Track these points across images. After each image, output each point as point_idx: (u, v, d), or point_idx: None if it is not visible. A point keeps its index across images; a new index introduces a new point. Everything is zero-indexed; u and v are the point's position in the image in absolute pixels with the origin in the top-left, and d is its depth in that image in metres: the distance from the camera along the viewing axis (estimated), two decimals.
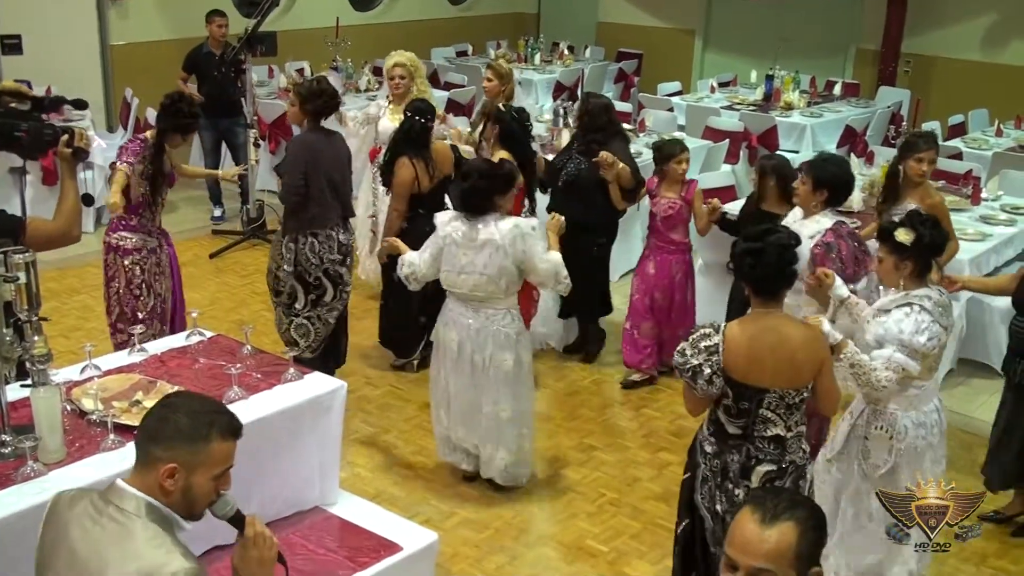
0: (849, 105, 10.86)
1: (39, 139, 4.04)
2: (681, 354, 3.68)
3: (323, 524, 3.86)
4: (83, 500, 2.50)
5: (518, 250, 4.77)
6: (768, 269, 3.64)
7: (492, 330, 4.94)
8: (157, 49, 10.88)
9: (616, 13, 14.31)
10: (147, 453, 2.45)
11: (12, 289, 3.23)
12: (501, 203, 4.86)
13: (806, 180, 4.79)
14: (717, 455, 3.78)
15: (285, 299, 5.91)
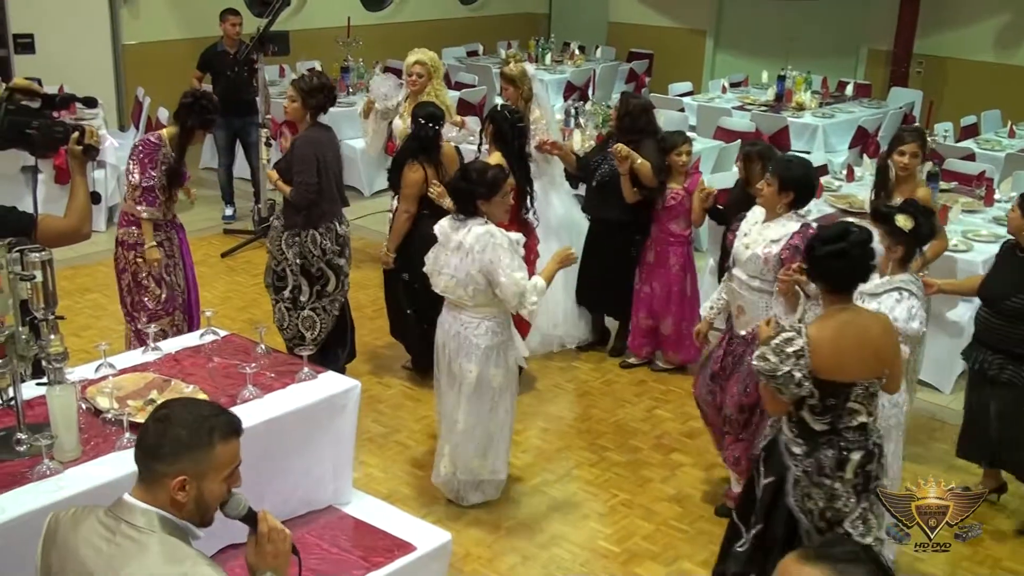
0: (861, 106, 10.84)
1: (50, 137, 4.08)
2: (764, 359, 3.66)
3: (337, 523, 3.85)
4: (88, 519, 2.43)
5: (485, 259, 4.62)
6: (854, 268, 3.69)
7: (463, 337, 4.82)
8: (169, 48, 10.91)
9: (627, 13, 14.31)
10: (151, 470, 2.39)
11: (28, 287, 3.23)
12: (486, 208, 4.73)
13: (772, 181, 4.70)
14: (809, 454, 3.79)
15: (289, 294, 5.95)
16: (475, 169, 4.84)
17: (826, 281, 3.75)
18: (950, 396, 6.38)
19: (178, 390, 3.66)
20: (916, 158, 5.61)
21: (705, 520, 5.15)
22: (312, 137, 5.86)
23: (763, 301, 4.76)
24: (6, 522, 2.98)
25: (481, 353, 4.80)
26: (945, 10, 11.89)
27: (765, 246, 4.71)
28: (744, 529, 4.02)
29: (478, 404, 4.89)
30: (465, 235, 4.68)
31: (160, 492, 2.38)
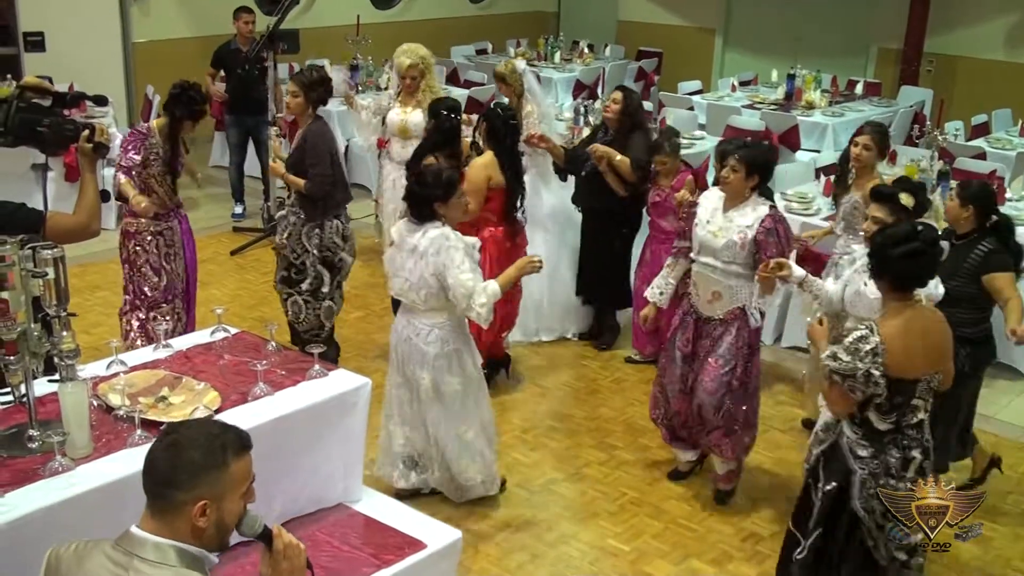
0: (871, 104, 10.81)
1: (60, 134, 4.11)
2: (835, 359, 3.66)
3: (347, 521, 3.86)
4: (94, 555, 2.33)
5: (439, 261, 4.52)
6: (925, 266, 3.74)
7: (413, 343, 4.72)
8: (179, 46, 10.92)
9: (636, 12, 14.30)
10: (168, 499, 2.29)
11: (40, 284, 3.24)
12: (443, 211, 4.63)
13: (739, 168, 4.78)
14: (875, 455, 3.79)
15: (308, 287, 6.02)
16: (430, 172, 4.74)
17: (896, 280, 3.74)
18: None
19: (189, 387, 3.67)
20: (869, 151, 5.65)
21: (715, 519, 5.15)
22: (322, 130, 5.99)
23: (744, 283, 4.89)
24: (18, 518, 2.98)
25: (431, 361, 4.70)
26: (955, 9, 11.85)
27: (739, 232, 4.83)
28: (801, 537, 4.02)
29: (443, 412, 4.79)
30: (420, 238, 4.58)
31: (177, 521, 2.30)
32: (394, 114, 7.21)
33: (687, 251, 5.16)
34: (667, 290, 5.32)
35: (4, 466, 3.17)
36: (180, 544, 2.30)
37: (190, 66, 9.99)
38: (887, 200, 4.45)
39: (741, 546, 4.95)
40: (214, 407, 3.56)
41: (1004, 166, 8.27)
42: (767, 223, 4.80)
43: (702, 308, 5.03)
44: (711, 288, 4.97)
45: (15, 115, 4.05)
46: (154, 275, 5.79)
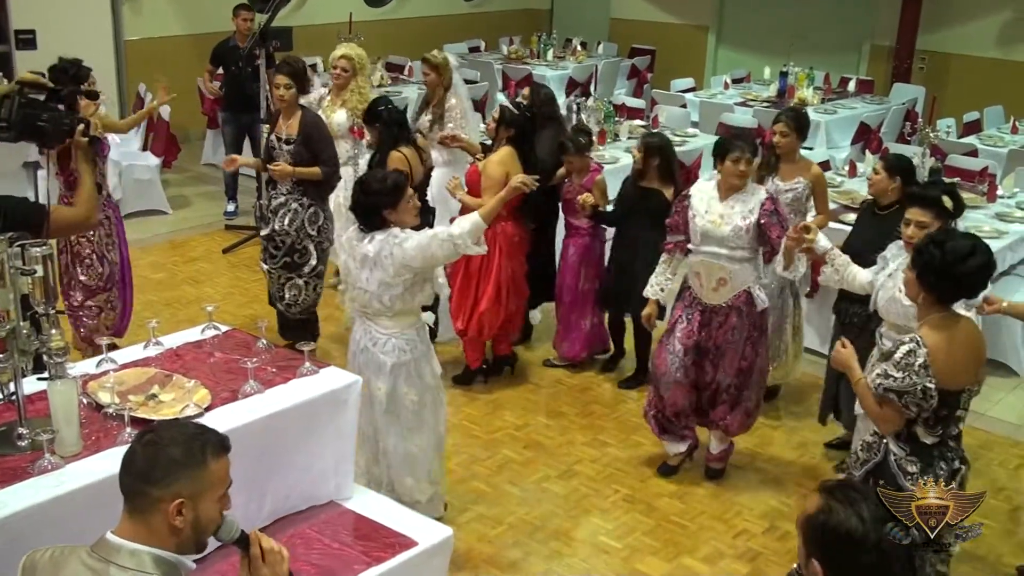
0: (863, 102, 10.83)
1: (59, 128, 4.17)
2: (889, 377, 3.59)
3: (338, 519, 3.84)
4: (70, 561, 2.31)
5: (395, 259, 4.33)
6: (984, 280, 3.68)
7: (371, 352, 4.55)
8: (171, 44, 10.91)
9: (629, 9, 14.30)
10: (144, 496, 2.28)
11: (29, 282, 3.23)
12: (393, 217, 4.41)
13: (751, 159, 4.98)
14: (924, 471, 3.69)
15: (311, 268, 6.26)
16: (374, 179, 4.52)
17: (954, 293, 3.66)
18: None
19: (179, 385, 3.66)
20: (787, 137, 5.84)
21: (707, 516, 5.15)
22: (316, 118, 6.27)
23: (749, 267, 5.07)
24: (8, 516, 2.96)
25: (388, 371, 4.52)
26: (948, 6, 11.87)
27: (743, 217, 4.98)
28: None
29: (396, 424, 4.60)
30: (368, 245, 4.40)
31: (154, 521, 2.28)
32: (323, 112, 7.15)
33: (682, 245, 5.23)
34: (667, 286, 5.37)
35: None
36: (156, 551, 2.28)
37: (182, 64, 10.02)
38: (931, 204, 4.31)
39: (733, 543, 4.95)
40: (204, 405, 3.55)
41: (996, 163, 8.27)
42: (768, 206, 5.00)
43: (707, 297, 5.13)
44: (716, 276, 5.08)
45: (18, 110, 4.10)
46: (99, 264, 5.84)
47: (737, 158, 4.92)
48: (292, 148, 6.08)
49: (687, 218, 5.14)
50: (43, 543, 2.96)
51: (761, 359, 5.25)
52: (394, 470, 4.66)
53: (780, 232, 4.91)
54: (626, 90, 12.67)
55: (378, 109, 6.11)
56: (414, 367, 4.58)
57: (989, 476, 5.57)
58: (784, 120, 5.90)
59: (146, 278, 7.71)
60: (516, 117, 6.14)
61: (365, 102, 7.15)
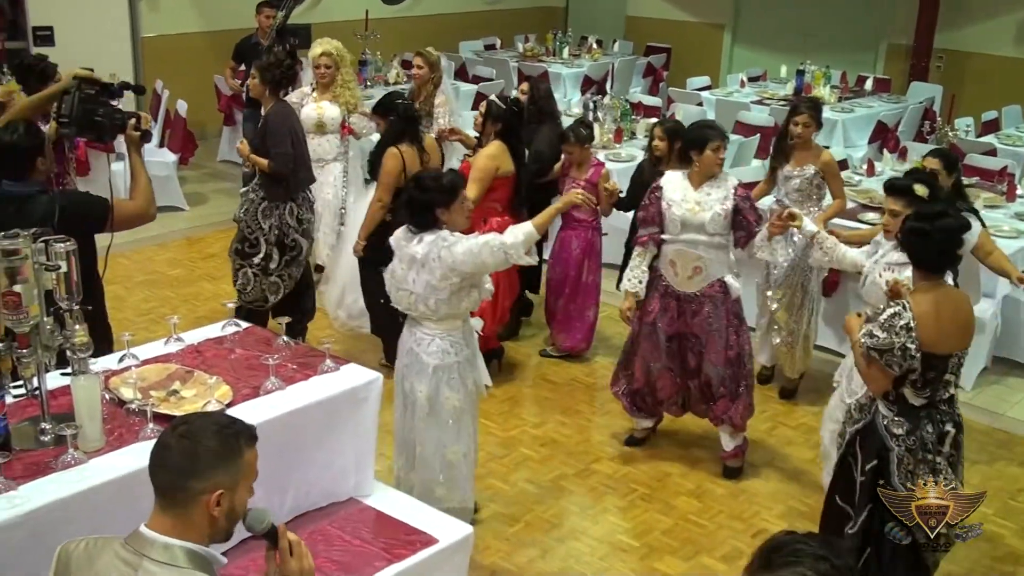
0: (880, 101, 10.78)
1: (113, 123, 4.29)
2: (872, 336, 3.79)
3: (359, 515, 3.84)
4: (105, 553, 2.31)
5: (443, 262, 4.27)
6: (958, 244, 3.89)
7: (414, 354, 4.51)
8: (188, 41, 10.93)
9: (645, 7, 14.27)
10: (184, 490, 2.28)
11: (53, 278, 3.24)
12: (445, 217, 4.36)
13: (722, 146, 5.12)
14: (911, 432, 3.90)
15: (259, 261, 6.17)
16: (430, 176, 4.47)
17: (934, 259, 3.86)
18: (972, 392, 6.33)
19: (201, 381, 3.66)
20: (808, 128, 6.08)
21: (725, 515, 5.14)
22: (283, 111, 6.17)
23: (723, 256, 5.19)
24: (32, 511, 2.97)
25: (431, 372, 4.46)
26: (966, 5, 11.80)
27: (721, 203, 5.10)
28: (851, 510, 4.08)
29: (435, 428, 4.54)
30: (417, 246, 4.34)
31: (193, 513, 2.29)
32: (310, 109, 7.23)
33: (656, 237, 5.28)
34: (644, 278, 5.38)
35: (17, 459, 3.16)
36: (188, 544, 2.29)
37: (198, 61, 10.05)
38: (903, 192, 4.54)
39: (751, 543, 4.92)
40: (226, 401, 3.55)
41: (1014, 162, 8.23)
42: (740, 192, 5.15)
43: (680, 286, 5.25)
44: (692, 264, 5.20)
45: (78, 106, 4.19)
46: None
47: (717, 147, 5.10)
48: (253, 138, 6.19)
49: (660, 209, 5.22)
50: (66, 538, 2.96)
51: (745, 344, 5.31)
52: (428, 477, 4.59)
53: (756, 217, 5.11)
54: (641, 88, 12.66)
55: (396, 102, 6.15)
56: (458, 370, 4.51)
57: (1009, 476, 5.54)
58: (807, 112, 6.09)
59: (163, 274, 7.73)
60: (503, 111, 6.14)
61: (356, 96, 7.31)
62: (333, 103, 7.22)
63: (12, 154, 4.15)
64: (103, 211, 4.22)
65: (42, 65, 6.83)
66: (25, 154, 4.18)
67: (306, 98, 7.34)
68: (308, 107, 7.25)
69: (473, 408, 4.68)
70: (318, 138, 7.22)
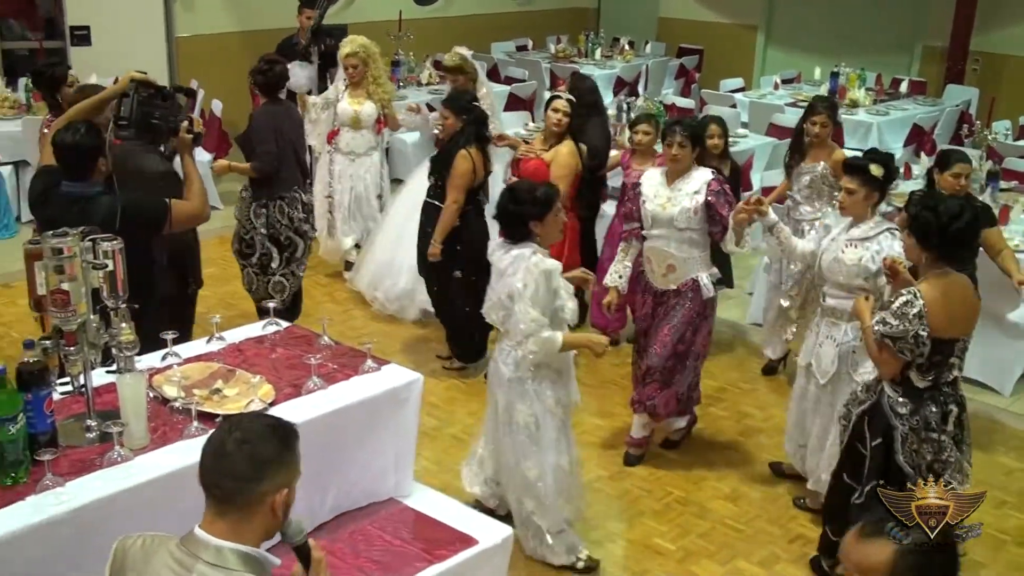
0: (916, 103, 10.68)
1: (168, 125, 4.42)
2: (885, 323, 3.96)
3: (399, 515, 3.85)
4: (160, 552, 2.32)
5: (515, 281, 4.28)
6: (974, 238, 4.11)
7: (495, 364, 4.53)
8: (222, 41, 10.98)
9: (677, 8, 14.21)
10: (249, 494, 2.27)
11: (100, 276, 3.26)
12: (539, 230, 4.33)
13: (686, 143, 5.09)
14: (914, 412, 4.09)
15: (257, 260, 6.33)
16: (524, 188, 4.45)
17: (950, 251, 3.99)
18: (1010, 399, 6.27)
19: (244, 380, 3.68)
20: (826, 128, 6.15)
21: (762, 520, 5.11)
22: (266, 110, 6.32)
23: (697, 253, 5.19)
24: (79, 507, 2.99)
25: (505, 382, 4.44)
26: (1002, 6, 11.67)
27: (690, 198, 5.10)
28: (856, 485, 4.27)
29: (511, 440, 4.50)
30: (504, 256, 4.38)
31: (257, 514, 2.29)
32: (345, 105, 7.41)
33: (637, 232, 5.33)
34: (625, 273, 5.44)
35: (63, 455, 3.18)
36: (241, 547, 2.28)
37: (233, 61, 10.06)
38: (859, 172, 4.67)
39: (788, 548, 4.91)
40: (268, 400, 3.56)
41: None
42: (714, 186, 5.11)
43: (657, 282, 5.31)
44: (666, 261, 5.22)
45: (136, 108, 4.25)
46: None
47: (669, 143, 5.12)
48: (238, 139, 6.32)
49: (639, 205, 5.27)
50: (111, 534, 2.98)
51: (699, 347, 5.33)
52: (512, 490, 4.60)
53: (729, 210, 5.05)
54: (674, 90, 12.61)
55: (473, 104, 6.23)
56: (532, 385, 4.41)
57: None
58: (824, 112, 6.16)
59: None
60: (574, 107, 6.28)
61: (389, 92, 7.44)
62: (368, 100, 7.38)
63: (75, 154, 4.19)
64: (163, 212, 4.31)
65: (52, 70, 6.90)
66: (88, 154, 4.22)
67: (341, 94, 7.47)
68: (343, 103, 7.42)
69: (555, 427, 4.48)
70: (352, 132, 7.44)
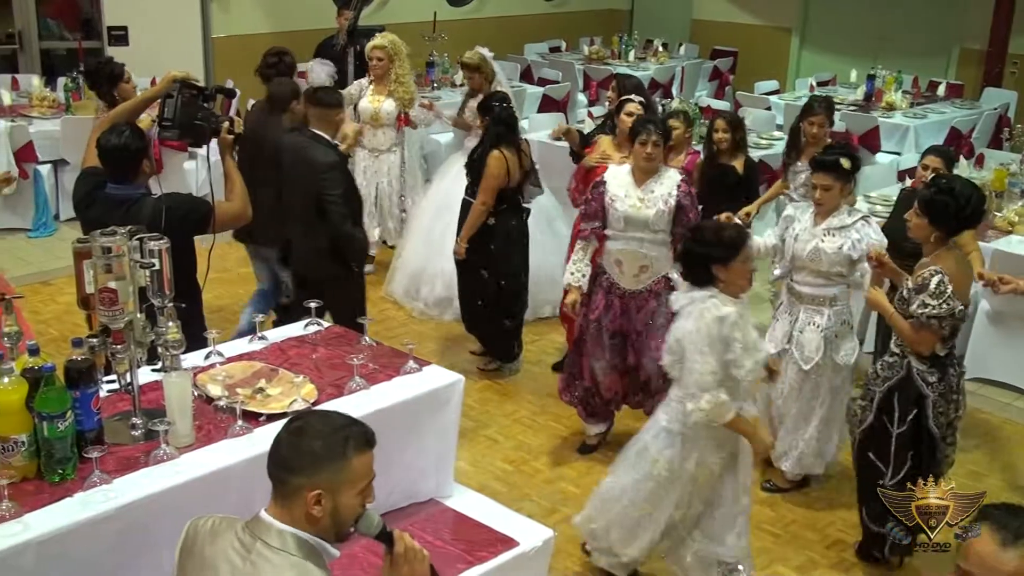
0: (953, 106, 10.59)
1: (210, 126, 4.40)
2: (926, 306, 4.20)
3: (439, 516, 3.85)
4: (227, 533, 2.40)
5: (687, 326, 3.97)
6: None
7: (655, 419, 4.28)
8: (257, 42, 10.95)
9: (711, 10, 14.17)
10: (287, 484, 2.34)
11: (147, 275, 3.29)
12: (724, 275, 3.96)
13: (659, 142, 5.07)
14: (941, 379, 4.39)
15: None
16: (710, 228, 4.11)
17: (963, 227, 4.37)
18: None
19: (287, 379, 3.69)
20: (823, 128, 6.28)
21: (799, 525, 5.09)
22: None
23: (666, 249, 5.17)
24: (125, 505, 3.00)
25: (661, 437, 4.15)
26: None
27: (664, 200, 5.09)
28: (883, 466, 4.50)
29: (629, 473, 4.29)
30: (682, 298, 4.07)
31: (295, 507, 2.34)
32: (365, 102, 7.50)
33: (598, 231, 5.26)
34: (587, 272, 5.38)
35: (110, 453, 3.20)
36: (300, 533, 2.33)
37: None
38: (831, 168, 4.85)
39: (826, 553, 4.87)
40: (311, 400, 3.57)
41: None
42: (683, 188, 5.13)
43: (627, 284, 5.24)
44: (638, 263, 5.19)
45: (181, 109, 4.27)
46: None
47: (644, 140, 5.04)
48: None
49: (604, 204, 5.17)
50: (157, 532, 3.03)
51: None
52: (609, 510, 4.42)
53: (696, 214, 5.13)
54: (707, 92, 12.57)
55: (492, 103, 6.19)
56: (676, 439, 4.12)
57: None
58: (823, 113, 6.28)
59: (236, 272, 7.80)
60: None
61: (410, 91, 7.46)
62: (388, 97, 7.44)
63: (121, 156, 4.22)
64: (206, 212, 4.33)
65: (110, 67, 6.96)
66: (133, 156, 4.25)
67: (364, 90, 7.55)
68: (364, 100, 7.51)
69: (683, 488, 4.17)
70: (374, 130, 7.51)
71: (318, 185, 5.15)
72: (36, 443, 3.06)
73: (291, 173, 5.33)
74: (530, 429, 5.91)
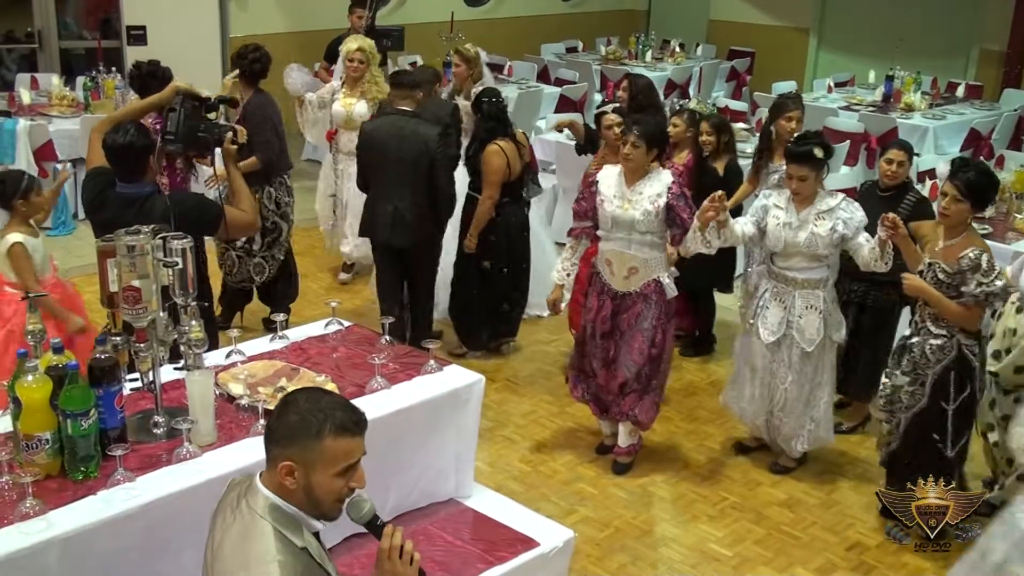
0: (972, 107, 10.54)
1: (214, 137, 4.42)
2: (981, 285, 4.46)
3: (459, 516, 3.85)
4: (236, 488, 2.56)
5: None
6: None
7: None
8: (275, 41, 10.97)
9: (728, 11, 14.14)
10: (268, 452, 2.46)
11: (170, 274, 3.30)
12: None
13: (639, 143, 5.01)
14: (981, 350, 4.71)
15: (243, 244, 6.43)
16: None
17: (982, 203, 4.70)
18: None
19: (308, 379, 3.69)
20: (800, 123, 6.25)
21: (818, 527, 5.06)
22: (261, 101, 6.41)
23: (657, 255, 5.14)
24: (149, 503, 3.02)
25: None
26: None
27: (652, 201, 5.04)
28: (942, 438, 4.74)
29: None
30: None
31: (274, 475, 2.44)
32: (337, 106, 7.39)
33: (588, 231, 5.30)
34: (573, 271, 5.44)
35: (133, 451, 3.21)
36: (278, 500, 2.43)
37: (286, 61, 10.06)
38: (806, 158, 4.95)
39: (846, 555, 4.86)
40: None
41: None
42: (675, 189, 5.06)
43: (617, 285, 5.21)
44: (627, 265, 5.15)
45: (184, 122, 4.27)
46: None
47: (623, 141, 5.07)
48: None
49: (595, 204, 5.18)
50: (180, 530, 3.05)
51: (669, 346, 5.30)
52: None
53: (689, 213, 5.03)
54: (724, 92, 12.54)
55: (481, 100, 6.25)
56: None
57: None
58: (798, 108, 6.29)
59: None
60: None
61: (383, 91, 7.36)
62: (361, 99, 7.33)
63: (127, 154, 4.21)
64: (217, 215, 4.34)
65: (161, 70, 6.81)
66: (140, 154, 4.24)
67: (336, 93, 7.47)
68: (336, 104, 7.40)
69: None
70: (349, 133, 7.31)
71: (431, 153, 5.66)
72: (60, 441, 3.08)
73: (403, 147, 5.75)
74: (547, 429, 5.91)
